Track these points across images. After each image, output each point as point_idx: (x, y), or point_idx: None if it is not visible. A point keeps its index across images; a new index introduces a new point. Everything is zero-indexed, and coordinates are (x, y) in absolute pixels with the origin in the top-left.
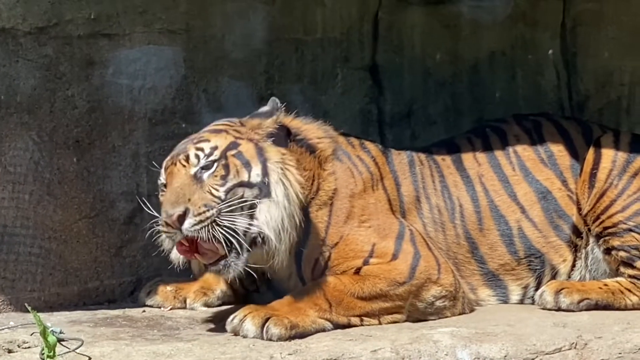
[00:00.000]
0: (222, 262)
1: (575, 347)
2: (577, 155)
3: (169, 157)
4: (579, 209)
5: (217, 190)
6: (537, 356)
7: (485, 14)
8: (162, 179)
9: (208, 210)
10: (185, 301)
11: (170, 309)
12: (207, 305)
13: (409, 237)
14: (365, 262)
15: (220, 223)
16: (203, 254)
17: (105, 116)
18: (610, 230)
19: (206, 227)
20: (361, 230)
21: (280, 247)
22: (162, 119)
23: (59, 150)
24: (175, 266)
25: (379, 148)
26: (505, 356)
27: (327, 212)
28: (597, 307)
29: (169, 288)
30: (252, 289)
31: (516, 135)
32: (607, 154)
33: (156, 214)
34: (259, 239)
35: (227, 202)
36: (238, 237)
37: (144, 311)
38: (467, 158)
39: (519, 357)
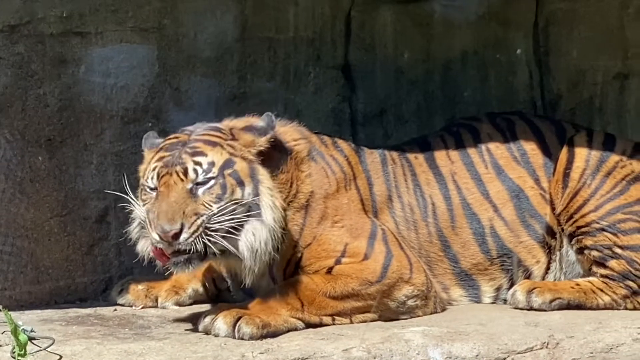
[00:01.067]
0: (185, 257)
1: (547, 347)
2: (550, 154)
3: (162, 164)
4: (553, 209)
5: (211, 206)
6: (508, 355)
7: (457, 13)
8: (152, 183)
9: (198, 218)
10: (156, 300)
11: (142, 307)
12: (178, 304)
13: (381, 237)
14: (338, 262)
15: (211, 228)
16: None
17: (77, 114)
18: (583, 230)
19: (199, 237)
20: (334, 230)
21: (255, 268)
22: (134, 117)
23: (30, 148)
24: (140, 257)
25: (351, 147)
26: (477, 355)
27: (303, 215)
28: (569, 306)
29: (140, 287)
30: (224, 288)
31: (489, 134)
32: (581, 153)
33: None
34: (238, 255)
35: (217, 212)
36: (223, 242)
37: (115, 310)
38: (440, 156)
39: (491, 356)
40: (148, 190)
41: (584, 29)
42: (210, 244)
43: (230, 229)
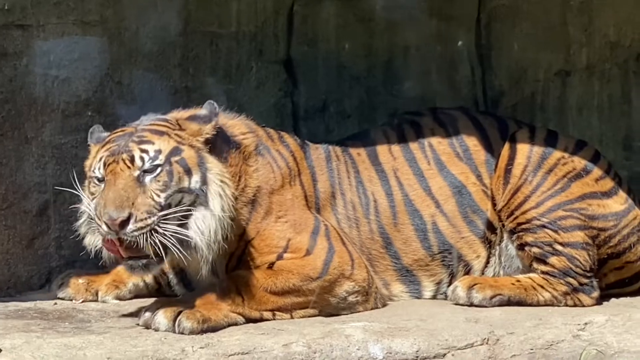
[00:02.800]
0: (143, 261)
1: (487, 343)
2: (492, 150)
3: (108, 153)
4: (494, 205)
5: (159, 196)
6: (449, 351)
7: (400, 8)
8: (99, 173)
9: (149, 217)
10: (97, 294)
11: (82, 301)
12: (119, 298)
13: (324, 232)
14: (280, 257)
15: (158, 230)
16: (126, 249)
17: (19, 107)
18: (524, 226)
19: (145, 235)
20: (277, 226)
21: (209, 257)
22: (75, 110)
23: None
24: (88, 251)
25: (297, 142)
26: (417, 351)
27: (249, 209)
28: (509, 303)
29: (80, 280)
30: (164, 283)
31: (432, 129)
32: (523, 149)
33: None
34: (190, 245)
35: (166, 210)
36: (171, 244)
37: (55, 303)
38: (383, 152)
39: (431, 352)
40: (96, 181)
41: (526, 25)
42: (156, 244)
43: (178, 226)
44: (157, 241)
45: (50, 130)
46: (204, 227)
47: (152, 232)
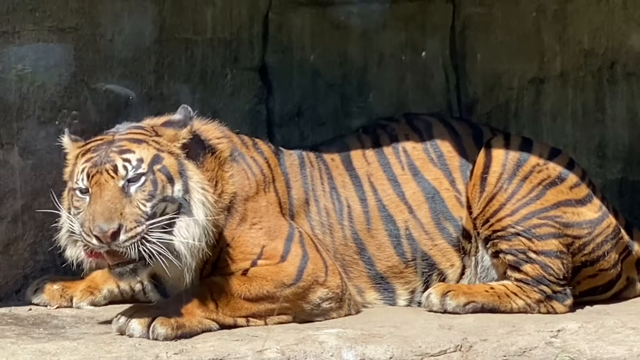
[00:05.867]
0: (130, 266)
1: (460, 350)
2: (466, 156)
3: (90, 164)
4: (470, 213)
5: (145, 205)
6: (422, 358)
7: (375, 16)
8: (83, 184)
9: (138, 226)
10: (71, 300)
11: (57, 307)
12: (93, 304)
13: (298, 239)
14: (254, 264)
15: (147, 239)
16: (112, 256)
17: None
18: (498, 234)
19: (136, 243)
20: (252, 233)
21: (192, 265)
22: (50, 116)
23: None
24: (70, 263)
25: (271, 149)
26: (391, 357)
27: (224, 216)
28: (483, 310)
29: (55, 286)
30: (139, 289)
31: (406, 135)
32: (498, 157)
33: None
34: (174, 254)
35: (153, 219)
36: (160, 251)
37: (30, 309)
38: (357, 157)
39: (404, 358)
40: (79, 194)
41: (500, 33)
42: (146, 252)
43: (165, 233)
44: (146, 249)
45: (26, 136)
46: (188, 235)
47: (142, 240)
